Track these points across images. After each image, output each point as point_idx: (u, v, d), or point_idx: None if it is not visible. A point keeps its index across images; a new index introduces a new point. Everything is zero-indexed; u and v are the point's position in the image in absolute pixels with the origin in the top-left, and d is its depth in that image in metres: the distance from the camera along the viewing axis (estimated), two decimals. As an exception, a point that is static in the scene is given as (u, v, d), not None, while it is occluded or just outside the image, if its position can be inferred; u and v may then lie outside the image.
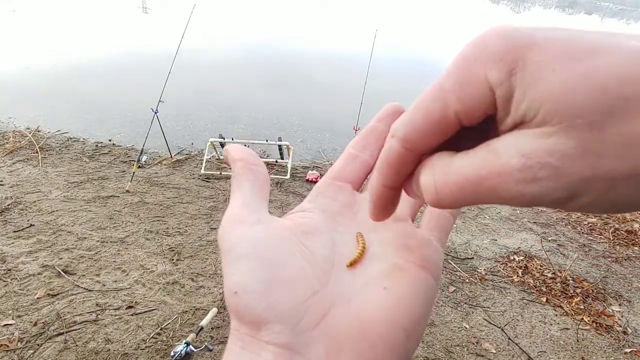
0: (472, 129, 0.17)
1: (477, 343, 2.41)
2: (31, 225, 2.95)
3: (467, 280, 2.92)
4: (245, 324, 0.21)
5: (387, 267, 0.24)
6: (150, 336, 2.20)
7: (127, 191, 3.56)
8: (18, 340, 2.08)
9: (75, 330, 2.17)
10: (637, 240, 3.65)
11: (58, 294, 2.38)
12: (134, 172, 3.68)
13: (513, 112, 0.15)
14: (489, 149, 0.16)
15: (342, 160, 0.30)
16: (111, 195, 3.49)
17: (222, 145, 4.25)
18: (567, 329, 2.59)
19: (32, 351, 2.04)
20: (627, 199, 0.14)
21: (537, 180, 0.14)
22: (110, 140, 4.65)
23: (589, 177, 0.14)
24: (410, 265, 0.24)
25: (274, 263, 0.22)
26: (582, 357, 2.39)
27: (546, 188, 0.14)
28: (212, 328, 2.27)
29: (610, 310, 2.76)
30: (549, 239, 3.58)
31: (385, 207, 0.23)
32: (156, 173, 3.99)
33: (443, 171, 0.17)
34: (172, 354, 2.04)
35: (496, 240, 3.48)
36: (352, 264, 0.24)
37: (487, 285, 2.91)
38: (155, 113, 3.71)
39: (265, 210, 0.25)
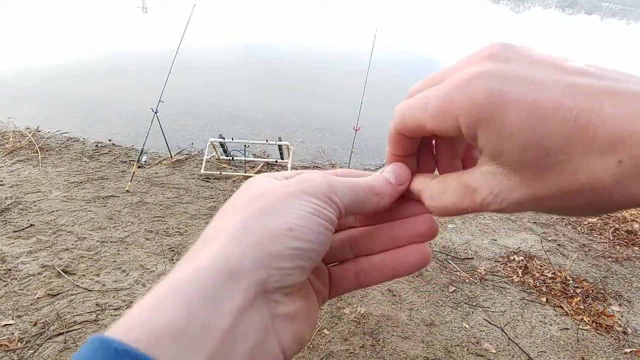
0: None
1: (477, 343, 2.41)
2: (31, 225, 2.95)
3: (467, 280, 2.92)
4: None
5: None
6: (150, 336, 2.20)
7: (127, 191, 3.56)
8: (18, 340, 2.08)
9: (75, 330, 2.17)
10: (637, 240, 3.65)
11: (58, 294, 2.38)
12: (134, 172, 3.68)
13: (474, 142, 0.23)
14: (469, 186, 0.25)
15: None
16: (111, 195, 3.49)
17: (222, 145, 4.25)
18: (567, 329, 2.59)
19: (32, 351, 2.04)
20: (558, 210, 0.23)
21: (503, 202, 0.24)
22: (110, 140, 4.65)
23: (529, 197, 0.23)
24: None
25: None
26: (582, 357, 2.39)
27: (511, 206, 0.24)
28: (212, 328, 2.27)
29: (610, 310, 2.76)
30: (549, 239, 3.58)
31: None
32: (156, 173, 3.99)
33: (438, 201, 0.28)
34: (172, 354, 2.04)
35: (496, 240, 3.48)
36: None
37: (487, 285, 2.91)
38: (155, 113, 3.71)
39: None
